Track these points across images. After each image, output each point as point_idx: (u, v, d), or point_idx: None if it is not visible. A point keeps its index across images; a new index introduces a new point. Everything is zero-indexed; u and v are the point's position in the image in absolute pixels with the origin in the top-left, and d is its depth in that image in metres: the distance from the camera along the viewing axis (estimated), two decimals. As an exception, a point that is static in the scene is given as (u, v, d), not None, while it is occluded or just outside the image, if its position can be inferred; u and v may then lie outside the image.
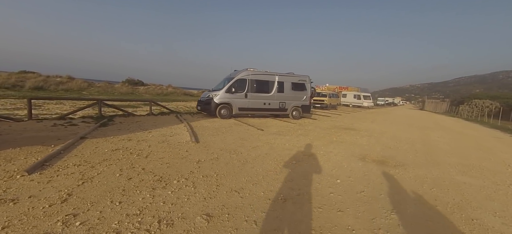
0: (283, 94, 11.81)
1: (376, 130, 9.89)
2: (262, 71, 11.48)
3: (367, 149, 6.13)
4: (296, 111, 12.30)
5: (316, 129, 9.20)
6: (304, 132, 8.14)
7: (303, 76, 12.51)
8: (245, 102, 10.85)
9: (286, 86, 11.90)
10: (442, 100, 44.74)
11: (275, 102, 11.62)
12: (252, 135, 6.98)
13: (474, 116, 27.16)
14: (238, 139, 6.27)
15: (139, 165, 3.69)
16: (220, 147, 5.24)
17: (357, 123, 12.29)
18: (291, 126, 9.54)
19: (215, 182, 3.26)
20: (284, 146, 5.77)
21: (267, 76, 11.45)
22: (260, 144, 5.79)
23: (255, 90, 11.05)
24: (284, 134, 7.48)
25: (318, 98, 23.64)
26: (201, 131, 7.00)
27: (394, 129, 10.86)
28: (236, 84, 10.74)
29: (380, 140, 7.55)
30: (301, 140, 6.74)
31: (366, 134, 8.75)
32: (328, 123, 11.45)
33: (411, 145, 7.15)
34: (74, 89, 28.78)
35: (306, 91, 12.49)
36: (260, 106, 11.28)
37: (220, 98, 10.37)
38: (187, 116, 10.35)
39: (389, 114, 22.60)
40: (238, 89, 10.80)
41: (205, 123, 8.74)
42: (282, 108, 11.86)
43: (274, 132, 7.72)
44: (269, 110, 11.59)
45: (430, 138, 8.90)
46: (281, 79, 11.76)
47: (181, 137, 5.93)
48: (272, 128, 8.67)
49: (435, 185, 3.80)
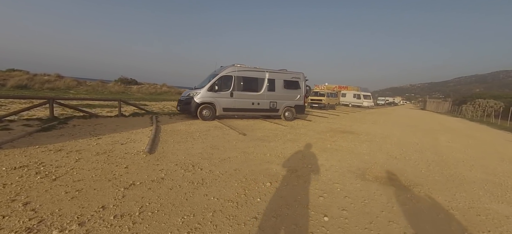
0: (274, 93, 10.61)
1: (378, 134, 8.70)
2: (251, 67, 10.29)
3: (368, 160, 4.94)
4: (288, 111, 11.10)
5: (309, 132, 8.01)
6: (294, 137, 6.95)
7: (296, 73, 11.31)
8: (230, 101, 9.65)
9: (278, 84, 10.70)
10: (444, 100, 43.55)
11: (265, 101, 10.42)
12: (229, 141, 5.79)
13: (479, 117, 25.98)
14: (209, 147, 5.07)
15: (27, 195, 2.49)
16: (178, 160, 4.05)
17: (356, 125, 11.10)
18: (280, 129, 8.35)
19: (127, 231, 2.06)
20: (263, 158, 4.58)
21: (256, 72, 10.26)
22: (233, 155, 4.60)
23: (242, 89, 9.86)
24: (269, 140, 6.29)
25: (316, 98, 22.47)
26: (168, 137, 5.81)
27: (398, 132, 9.67)
28: (220, 82, 9.54)
29: (383, 147, 6.36)
30: (288, 147, 5.55)
31: (367, 138, 7.57)
32: (324, 125, 10.26)
33: (421, 153, 5.96)
34: (61, 87, 27.59)
35: (300, 89, 11.29)
36: (248, 106, 10.08)
37: (201, 98, 9.17)
38: (164, 118, 9.16)
39: (391, 115, 21.41)
40: (223, 87, 9.60)
41: (180, 126, 7.54)
42: (273, 108, 10.66)
43: (258, 137, 6.53)
44: (258, 111, 10.40)
45: (440, 143, 7.72)
46: (272, 76, 10.56)
47: (135, 146, 4.74)
48: (258, 131, 7.48)
49: (468, 223, 2.61)
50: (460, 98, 43.78)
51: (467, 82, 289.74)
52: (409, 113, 26.33)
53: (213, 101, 9.31)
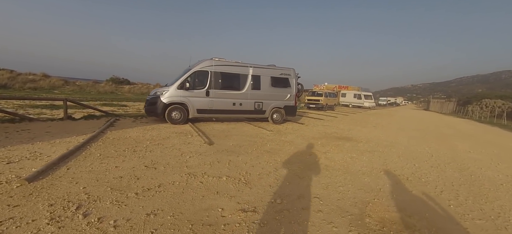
0: (260, 92, 9.11)
1: (381, 141, 7.19)
2: (232, 61, 8.79)
3: (368, 185, 3.44)
4: (277, 113, 9.60)
5: (297, 140, 6.51)
6: (275, 147, 5.46)
7: (286, 69, 9.81)
8: (206, 102, 8.16)
9: (264, 81, 9.20)
10: (448, 100, 41.91)
11: (248, 102, 8.92)
12: (183, 154, 4.30)
13: (488, 118, 24.36)
14: (144, 165, 3.58)
15: None
16: (67, 192, 2.58)
17: (355, 129, 9.58)
18: (263, 135, 6.85)
19: None
20: (215, 186, 3.09)
21: (238, 68, 8.76)
22: (170, 181, 3.12)
23: (220, 86, 8.36)
24: (241, 152, 4.80)
25: (313, 98, 20.95)
26: (102, 148, 4.32)
27: (405, 138, 8.15)
28: (193, 78, 8.05)
29: (389, 161, 4.86)
30: (261, 164, 4.06)
31: (367, 147, 6.06)
32: (317, 130, 8.75)
33: (440, 170, 4.46)
34: (45, 87, 26.20)
35: (290, 88, 9.78)
36: (228, 107, 8.59)
37: (169, 97, 7.67)
38: (126, 122, 7.68)
39: (394, 116, 19.86)
40: (197, 85, 8.11)
41: (134, 132, 6.05)
42: (258, 109, 9.16)
43: (227, 148, 5.03)
44: (240, 113, 8.89)
45: (459, 154, 6.20)
46: (257, 72, 9.07)
47: (25, 166, 3.26)
48: (232, 139, 5.98)
49: None
50: (463, 98, 42.24)
51: (469, 82, 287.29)
52: (413, 114, 24.76)
53: (184, 101, 7.81)
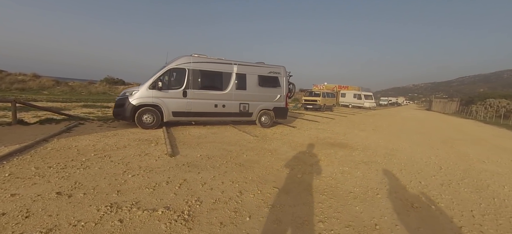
0: (246, 92, 8.19)
1: (380, 148, 6.25)
2: (214, 58, 7.88)
3: (360, 216, 2.51)
4: (265, 115, 8.67)
5: (282, 148, 5.59)
6: (253, 159, 4.54)
7: (276, 67, 8.89)
8: (183, 103, 7.23)
9: (250, 80, 8.28)
10: (451, 100, 40.83)
11: (232, 103, 8.00)
12: (123, 173, 3.38)
13: (493, 118, 23.32)
14: (48, 196, 2.67)
15: None
16: None
17: (352, 133, 8.65)
18: (243, 142, 5.93)
19: None
20: (131, 229, 2.18)
21: (220, 65, 7.84)
22: (71, 222, 2.21)
23: (200, 86, 7.45)
24: (205, 167, 3.88)
25: (310, 98, 20.01)
26: (16, 166, 3.42)
27: (407, 143, 7.21)
28: (167, 77, 7.15)
29: (389, 177, 3.93)
30: (223, 186, 3.14)
31: (364, 157, 5.13)
32: (309, 134, 7.82)
33: (454, 191, 3.53)
34: (34, 88, 25.39)
35: (280, 88, 8.86)
36: (209, 109, 7.67)
37: (139, 98, 6.76)
38: (91, 126, 6.78)
39: (395, 117, 18.88)
40: (172, 84, 7.20)
41: (89, 139, 5.14)
42: (244, 112, 8.24)
43: (191, 161, 4.12)
44: (223, 115, 7.97)
45: (472, 164, 5.26)
46: (242, 70, 8.14)
47: None
48: (203, 148, 5.06)
49: None
50: (466, 97, 41.30)
51: (470, 82, 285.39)
52: (416, 115, 23.76)
53: (157, 103, 6.90)
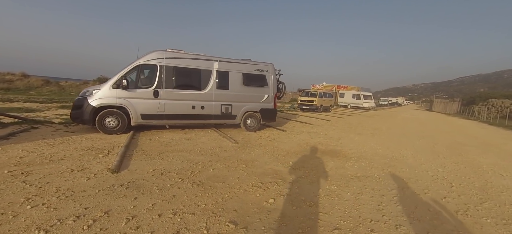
0: (228, 92, 7.31)
1: (378, 156, 5.37)
2: (190, 53, 6.99)
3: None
4: (251, 118, 7.79)
5: (262, 158, 4.71)
6: (220, 174, 3.66)
7: (263, 64, 8.00)
8: (154, 104, 6.35)
9: (234, 79, 7.39)
10: (452, 100, 39.95)
11: (213, 104, 7.11)
12: (27, 200, 2.51)
13: (497, 119, 22.42)
14: None
15: None
16: None
17: (348, 137, 7.77)
18: (218, 151, 5.05)
19: None
20: None
21: (199, 61, 6.94)
22: None
23: (174, 85, 6.56)
24: (150, 190, 3.00)
25: (306, 99, 19.12)
26: None
27: (410, 150, 6.33)
28: (135, 74, 6.24)
29: (387, 201, 3.05)
30: (154, 224, 2.27)
31: (357, 170, 4.25)
32: (299, 139, 6.94)
33: (473, 221, 2.65)
34: (20, 88, 24.52)
35: (268, 87, 7.97)
36: (185, 111, 6.77)
37: (100, 98, 5.86)
38: (42, 131, 5.90)
39: (395, 118, 18.00)
40: (141, 83, 6.32)
41: (25, 148, 4.25)
42: (226, 114, 7.35)
43: (136, 180, 3.24)
44: (202, 118, 7.07)
45: (490, 179, 4.38)
46: (224, 67, 7.26)
47: None
48: (165, 159, 4.18)
49: None
50: (467, 98, 40.59)
51: (470, 82, 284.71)
52: (417, 116, 22.86)
53: (122, 104, 6.01)
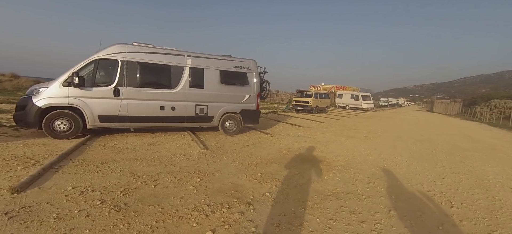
0: (204, 92, 6.54)
1: (367, 165, 4.59)
2: (159, 47, 6.23)
3: None
4: (230, 120, 7.02)
5: (227, 169, 3.94)
6: (162, 192, 2.89)
7: (244, 60, 7.24)
8: (114, 105, 5.57)
9: (210, 76, 6.63)
10: (453, 101, 39.09)
11: (185, 105, 6.34)
12: None
13: (501, 120, 21.57)
14: None
15: None
16: None
17: (338, 141, 6.99)
18: (177, 160, 4.28)
19: None
20: None
21: (168, 57, 6.18)
22: None
23: (139, 83, 5.79)
24: (48, 220, 2.25)
25: (301, 99, 18.34)
26: None
27: (404, 156, 5.55)
28: (91, 70, 5.48)
29: (367, 230, 2.29)
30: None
31: (339, 184, 3.48)
32: (281, 144, 6.16)
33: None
34: (8, 89, 23.84)
35: (249, 86, 7.20)
36: (153, 112, 6.00)
37: (48, 98, 5.08)
38: (-10, 134, 5.16)
39: (393, 120, 17.20)
40: (98, 80, 5.56)
41: None
42: (201, 115, 6.57)
43: (37, 203, 2.48)
44: (173, 120, 6.29)
45: (499, 197, 3.60)
46: (198, 63, 6.50)
47: None
48: (104, 169, 3.42)
49: None
50: (469, 98, 39.86)
51: (472, 83, 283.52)
52: (417, 117, 22.04)
53: (76, 104, 5.24)
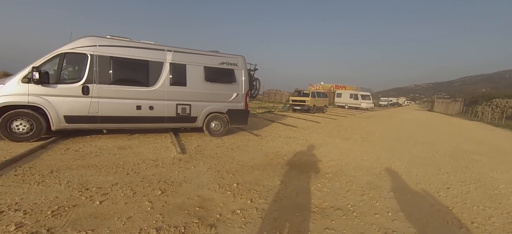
0: (186, 90, 5.99)
1: (362, 171, 4.05)
2: (136, 42, 5.68)
3: None
4: (216, 120, 6.48)
5: (200, 178, 3.40)
6: (103, 213, 2.35)
7: (231, 56, 6.69)
8: (83, 104, 5.02)
9: (193, 73, 6.07)
10: (454, 100, 38.54)
11: (165, 104, 5.79)
12: None
13: (503, 120, 21.03)
14: None
15: None
16: None
17: (332, 143, 6.45)
18: (145, 166, 3.75)
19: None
20: None
21: (145, 51, 5.61)
22: None
23: (112, 79, 5.23)
24: None
25: (298, 99, 17.79)
26: None
27: (403, 161, 5.01)
28: (56, 65, 4.94)
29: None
30: None
31: (326, 197, 2.94)
32: (269, 147, 5.62)
33: None
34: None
35: (237, 84, 6.66)
36: (128, 112, 5.44)
37: (4, 96, 4.53)
38: None
39: (393, 119, 16.66)
40: (64, 76, 5.02)
41: None
42: (183, 115, 6.03)
43: None
44: (151, 121, 5.75)
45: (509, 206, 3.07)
46: (179, 59, 5.95)
47: None
48: (49, 181, 2.88)
49: None
50: (469, 97, 39.38)
51: (472, 82, 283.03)
52: (417, 117, 21.49)
53: (38, 103, 4.69)
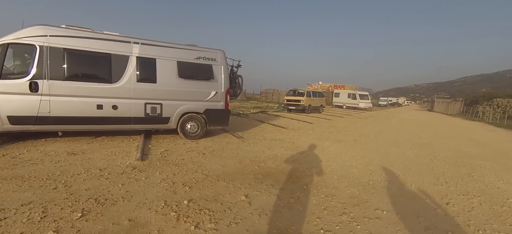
0: (156, 87, 5.35)
1: (348, 181, 3.42)
2: (99, 32, 5.04)
3: None
4: (192, 122, 5.85)
5: (141, 195, 2.77)
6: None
7: (209, 50, 6.04)
8: (31, 103, 4.37)
9: (164, 68, 5.43)
10: (454, 100, 37.92)
11: (131, 103, 5.14)
12: None
13: (505, 121, 20.36)
14: None
15: None
16: None
17: (321, 146, 5.80)
18: (84, 176, 3.11)
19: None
20: None
21: (107, 43, 4.95)
22: None
23: (66, 75, 4.57)
24: None
25: (293, 98, 17.15)
26: None
27: (398, 167, 4.37)
28: (-2, 58, 4.31)
29: None
30: None
31: (294, 228, 2.32)
32: (247, 153, 4.99)
33: None
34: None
35: (216, 81, 6.02)
36: (87, 112, 4.79)
37: None
38: None
39: (391, 120, 16.02)
40: (7, 71, 4.37)
41: None
42: (153, 116, 5.39)
43: None
44: (115, 122, 5.10)
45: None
46: (148, 52, 5.29)
47: None
48: None
49: None
50: (470, 97, 38.81)
51: (473, 82, 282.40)
52: (416, 117, 20.84)
53: (-25, 103, 4.09)
